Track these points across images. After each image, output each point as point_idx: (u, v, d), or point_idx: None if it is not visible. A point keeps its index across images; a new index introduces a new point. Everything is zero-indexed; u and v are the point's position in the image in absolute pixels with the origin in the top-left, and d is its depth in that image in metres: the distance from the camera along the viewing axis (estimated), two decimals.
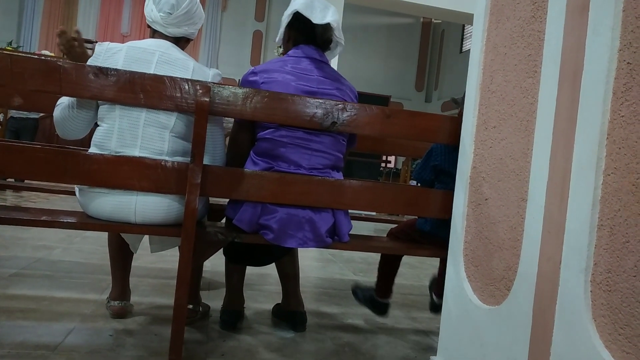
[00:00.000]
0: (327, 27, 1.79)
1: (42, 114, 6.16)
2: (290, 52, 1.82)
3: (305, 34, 1.81)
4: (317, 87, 1.74)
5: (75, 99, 1.64)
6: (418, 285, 3.13)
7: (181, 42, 1.84)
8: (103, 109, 1.64)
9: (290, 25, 1.83)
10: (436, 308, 2.09)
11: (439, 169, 1.87)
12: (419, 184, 1.99)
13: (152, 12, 1.76)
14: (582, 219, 1.04)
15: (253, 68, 1.78)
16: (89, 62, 1.65)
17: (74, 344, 1.61)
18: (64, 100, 1.70)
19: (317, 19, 1.75)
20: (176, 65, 1.69)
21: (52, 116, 1.74)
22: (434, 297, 2.14)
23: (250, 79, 1.74)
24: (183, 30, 1.80)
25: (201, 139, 1.52)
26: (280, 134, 1.68)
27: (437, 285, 2.10)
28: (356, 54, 14.69)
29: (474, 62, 1.55)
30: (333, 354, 1.79)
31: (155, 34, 1.80)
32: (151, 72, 1.62)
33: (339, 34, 1.84)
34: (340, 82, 1.82)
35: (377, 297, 2.10)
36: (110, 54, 1.65)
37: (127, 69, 1.54)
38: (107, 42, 1.70)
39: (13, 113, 6.35)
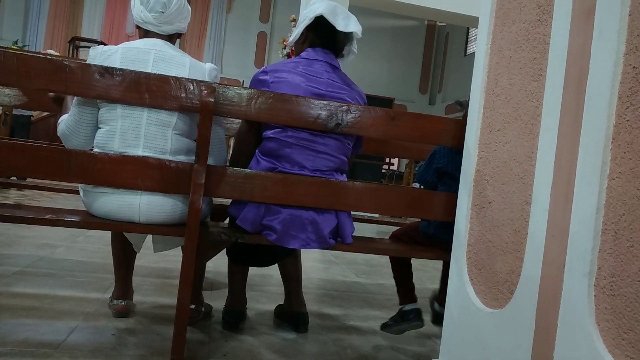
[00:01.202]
0: (349, 35, 1.83)
1: (45, 113, 6.18)
2: (303, 54, 1.82)
3: (325, 38, 1.82)
4: (326, 89, 1.75)
5: (77, 99, 1.65)
6: (420, 288, 3.10)
7: (173, 38, 1.85)
8: (103, 110, 1.64)
9: (310, 27, 1.83)
10: (439, 319, 1.99)
11: (442, 172, 1.87)
12: (421, 187, 1.99)
13: (142, 13, 1.76)
14: (586, 223, 1.03)
15: (264, 67, 1.80)
16: None
17: (76, 342, 1.61)
18: (65, 117, 1.72)
19: (340, 26, 1.78)
20: (172, 62, 1.69)
21: (55, 115, 1.74)
22: (436, 307, 2.09)
23: (261, 77, 1.75)
24: (176, 26, 1.81)
25: (206, 139, 1.52)
26: (286, 134, 1.69)
27: (440, 292, 2.07)
28: (360, 56, 14.53)
29: (478, 65, 1.55)
30: (335, 356, 1.79)
31: (147, 33, 1.80)
32: (149, 71, 1.62)
33: (355, 45, 1.87)
34: (350, 86, 1.83)
35: (404, 308, 1.96)
36: (105, 57, 1.65)
37: None
38: (101, 46, 1.70)
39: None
